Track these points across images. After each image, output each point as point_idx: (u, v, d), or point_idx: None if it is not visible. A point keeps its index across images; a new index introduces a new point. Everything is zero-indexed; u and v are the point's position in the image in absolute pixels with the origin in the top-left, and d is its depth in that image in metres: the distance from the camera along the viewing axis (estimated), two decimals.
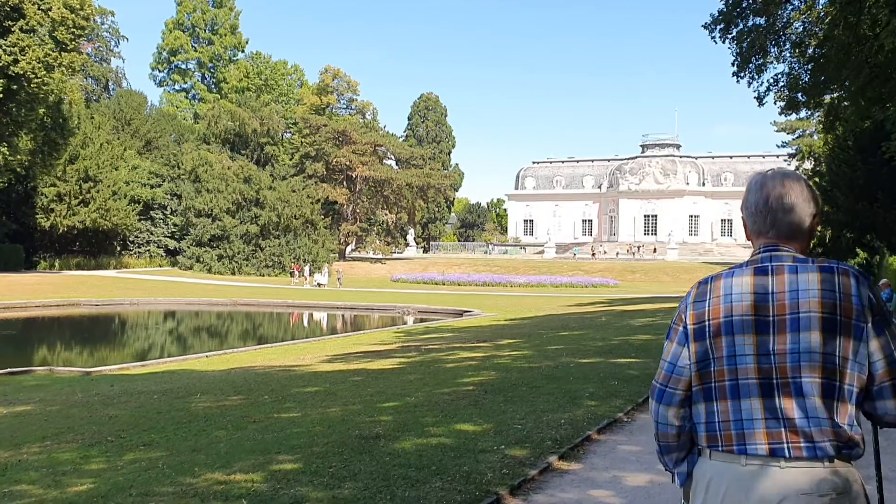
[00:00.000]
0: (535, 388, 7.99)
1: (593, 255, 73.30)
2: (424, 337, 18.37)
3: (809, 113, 54.82)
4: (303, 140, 69.64)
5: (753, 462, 1.84)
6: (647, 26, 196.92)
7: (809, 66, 18.26)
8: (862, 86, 18.15)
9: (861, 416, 1.89)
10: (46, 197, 50.44)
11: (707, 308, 1.92)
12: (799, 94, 18.45)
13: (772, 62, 18.21)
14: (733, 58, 17.96)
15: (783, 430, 1.83)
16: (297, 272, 52.51)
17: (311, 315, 33.50)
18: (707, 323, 1.91)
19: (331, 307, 35.06)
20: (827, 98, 19.49)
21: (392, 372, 10.64)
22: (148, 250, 58.66)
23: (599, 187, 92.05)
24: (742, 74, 18.27)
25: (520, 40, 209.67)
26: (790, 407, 1.83)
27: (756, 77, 18.50)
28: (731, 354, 1.88)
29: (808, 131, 59.51)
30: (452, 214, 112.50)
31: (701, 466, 1.95)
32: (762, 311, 1.86)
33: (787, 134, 63.38)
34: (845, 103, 20.66)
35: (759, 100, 18.75)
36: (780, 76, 18.83)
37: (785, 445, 1.82)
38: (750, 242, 2.04)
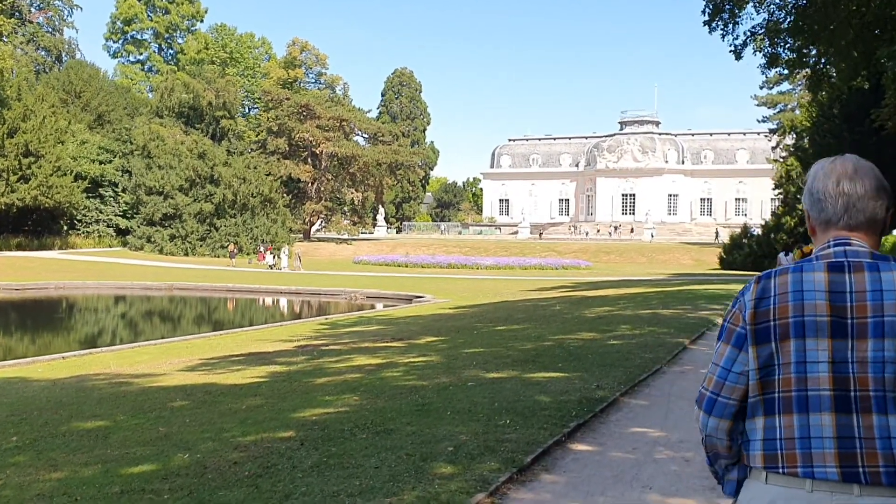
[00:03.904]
0: (382, 434, 5.39)
1: (540, 235, 71.89)
2: (344, 331, 15.81)
3: (791, 88, 52.58)
4: (266, 115, 66.61)
5: (822, 488, 1.59)
6: (627, 1, 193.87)
7: (792, 16, 15.67)
8: (852, 39, 15.65)
9: None
10: None
11: (773, 306, 1.68)
12: (780, 49, 15.86)
13: (747, 6, 15.57)
14: (704, 4, 15.34)
15: (859, 450, 1.59)
16: (252, 254, 49.62)
17: (247, 302, 30.71)
18: (773, 323, 1.67)
19: (275, 292, 32.32)
20: (812, 53, 16.87)
21: (239, 391, 8.02)
22: (97, 230, 55.42)
23: (577, 165, 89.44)
24: (714, 24, 15.64)
25: (497, 15, 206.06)
26: (869, 425, 1.60)
27: (730, 29, 15.89)
28: (801, 361, 1.64)
29: (789, 105, 57.13)
30: (428, 194, 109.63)
31: (753, 490, 1.68)
32: (839, 312, 1.63)
33: (769, 108, 61.02)
34: (830, 66, 18.18)
35: (737, 53, 16.15)
36: (758, 27, 16.19)
37: (860, 469, 1.58)
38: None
